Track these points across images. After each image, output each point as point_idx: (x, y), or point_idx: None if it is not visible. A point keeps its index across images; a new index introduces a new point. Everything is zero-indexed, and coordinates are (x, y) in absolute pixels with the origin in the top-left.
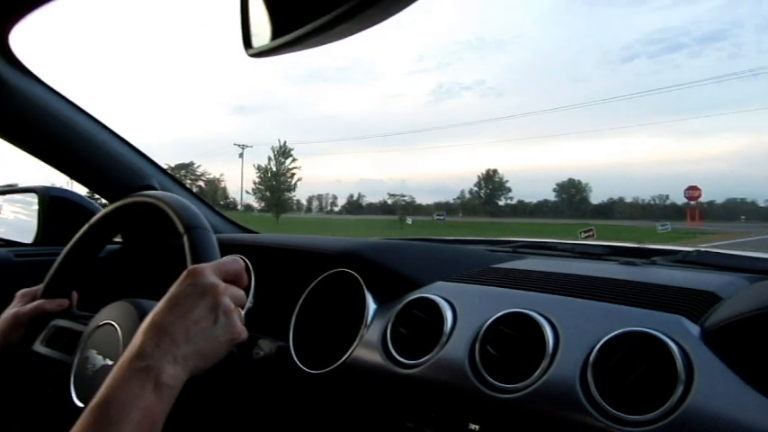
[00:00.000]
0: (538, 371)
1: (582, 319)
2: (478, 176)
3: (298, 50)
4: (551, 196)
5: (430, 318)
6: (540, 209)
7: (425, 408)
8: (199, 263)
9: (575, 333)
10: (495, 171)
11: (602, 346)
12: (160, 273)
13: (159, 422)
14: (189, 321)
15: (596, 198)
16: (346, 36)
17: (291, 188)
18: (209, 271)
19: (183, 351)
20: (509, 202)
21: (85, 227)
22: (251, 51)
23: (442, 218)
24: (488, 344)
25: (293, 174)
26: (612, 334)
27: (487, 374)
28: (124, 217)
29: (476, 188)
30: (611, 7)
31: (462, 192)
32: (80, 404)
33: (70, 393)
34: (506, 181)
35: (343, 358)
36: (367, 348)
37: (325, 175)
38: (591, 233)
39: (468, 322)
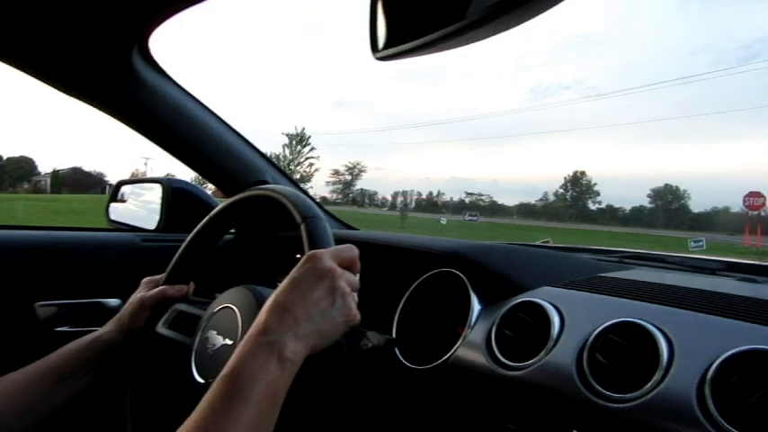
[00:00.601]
0: (650, 383)
1: (699, 333)
2: (565, 178)
3: (425, 54)
4: (644, 201)
5: (536, 322)
6: (634, 216)
7: (528, 411)
8: (315, 248)
9: (691, 347)
10: (582, 173)
11: (722, 362)
12: (269, 261)
13: (281, 394)
14: (309, 302)
15: (697, 206)
16: (474, 42)
17: (308, 178)
18: (327, 256)
19: (304, 329)
20: (598, 206)
21: (207, 218)
22: (378, 55)
23: (474, 218)
24: (597, 352)
25: (311, 163)
26: (735, 350)
27: (595, 382)
28: (243, 209)
29: (561, 190)
30: (730, 4)
31: (545, 194)
32: (201, 380)
33: (191, 371)
34: (594, 184)
35: (447, 356)
36: (470, 348)
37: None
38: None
39: (576, 329)
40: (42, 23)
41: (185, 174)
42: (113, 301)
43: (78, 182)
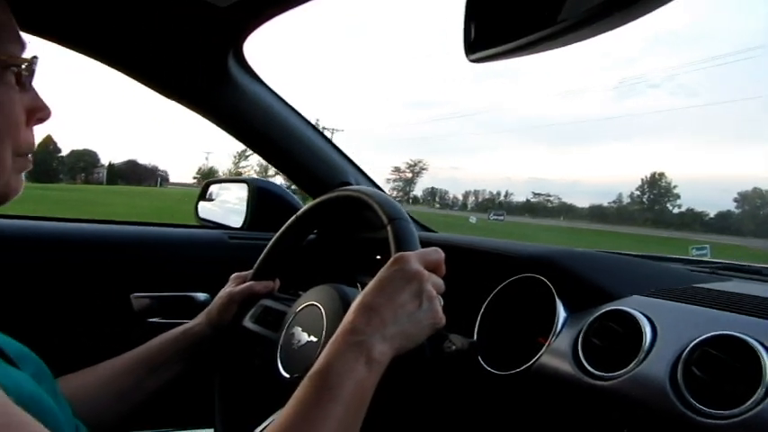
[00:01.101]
0: (752, 399)
1: None
2: (642, 180)
3: (519, 56)
4: (730, 206)
5: (626, 331)
6: (719, 222)
7: (616, 423)
8: (402, 250)
9: None
10: (661, 174)
11: None
12: (350, 262)
13: (369, 394)
14: (396, 304)
15: None
16: (571, 44)
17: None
18: (414, 258)
19: (391, 330)
20: (678, 209)
21: (294, 217)
22: (472, 57)
23: (500, 218)
24: (693, 365)
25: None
26: None
27: (691, 397)
28: (329, 210)
29: (638, 192)
30: None
31: (620, 195)
32: (286, 375)
33: (276, 366)
34: (674, 186)
35: (530, 363)
36: (555, 356)
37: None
38: None
39: (670, 340)
40: (144, 29)
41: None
42: (202, 295)
43: (133, 174)
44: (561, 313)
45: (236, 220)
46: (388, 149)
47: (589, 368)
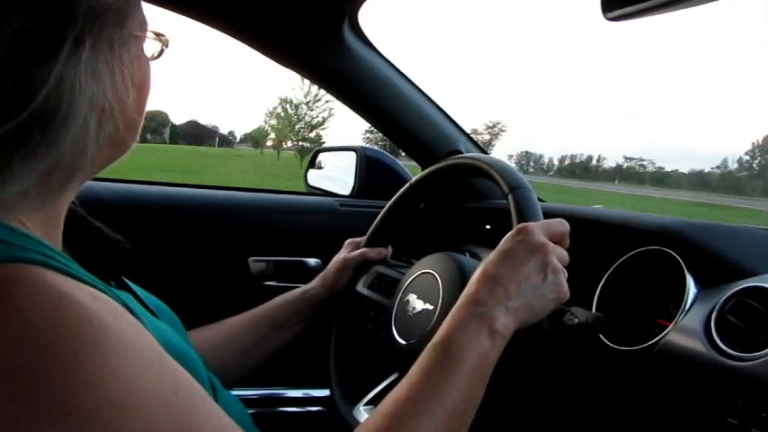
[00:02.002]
0: None
1: None
2: (753, 143)
3: (657, 14)
4: None
5: (767, 310)
6: None
7: (755, 406)
8: (525, 220)
9: None
10: None
11: None
12: (458, 231)
13: (490, 367)
14: (520, 276)
15: None
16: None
17: (318, 124)
18: (538, 229)
19: (514, 303)
20: None
21: (409, 184)
22: (610, 15)
23: None
24: None
25: (327, 101)
26: None
27: None
28: (446, 177)
29: (747, 156)
30: None
31: (725, 160)
32: (402, 341)
33: (392, 332)
34: None
35: (657, 339)
36: (684, 333)
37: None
38: None
39: None
40: None
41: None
42: (313, 261)
43: (194, 134)
44: (692, 289)
45: (344, 187)
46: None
47: (723, 347)
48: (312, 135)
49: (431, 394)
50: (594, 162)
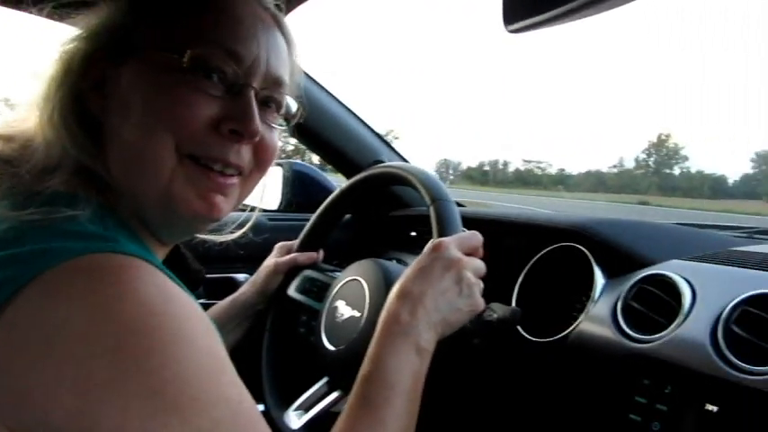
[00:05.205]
0: None
1: None
2: (649, 142)
3: (558, 25)
4: (747, 168)
5: (666, 295)
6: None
7: (658, 384)
8: (444, 233)
9: None
10: (668, 136)
11: None
12: (383, 239)
13: (423, 381)
14: (437, 292)
15: None
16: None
17: None
18: (453, 245)
19: (433, 318)
20: (684, 171)
21: (338, 192)
22: (511, 27)
23: None
24: (734, 324)
25: None
26: None
27: (732, 355)
28: (372, 185)
29: (644, 155)
30: None
31: (621, 159)
32: (330, 347)
33: (321, 337)
34: (682, 147)
35: (570, 329)
36: (595, 322)
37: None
38: None
39: (709, 301)
40: None
41: None
42: (242, 276)
43: None
44: (600, 280)
45: (271, 202)
46: None
47: (629, 332)
48: None
49: (382, 426)
50: (501, 166)
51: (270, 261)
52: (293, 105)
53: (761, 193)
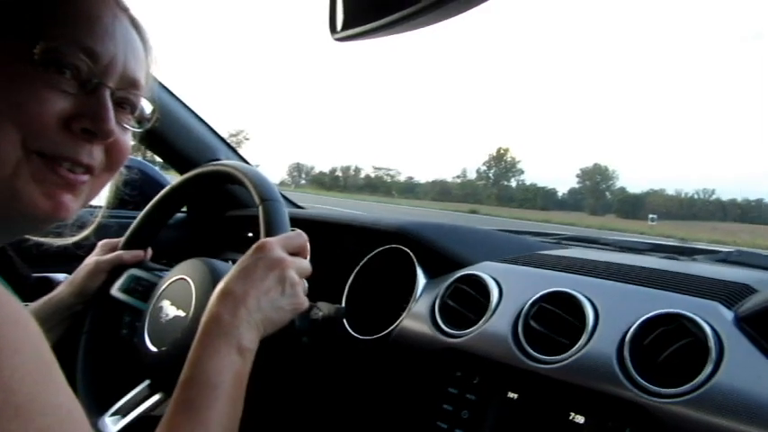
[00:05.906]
0: (576, 345)
1: (621, 301)
2: (490, 155)
3: (383, 36)
4: (573, 182)
5: (477, 293)
6: (569, 199)
7: (468, 375)
8: (272, 233)
9: (614, 312)
10: (506, 150)
11: (639, 324)
12: (219, 238)
13: (245, 381)
14: (260, 292)
15: (631, 187)
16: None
17: None
18: (277, 245)
19: (255, 318)
20: (520, 183)
21: (167, 189)
22: (337, 36)
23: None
24: (532, 319)
25: None
26: (650, 314)
27: (529, 347)
28: (202, 183)
29: (484, 167)
30: None
31: (464, 171)
32: (153, 348)
33: (143, 338)
34: (519, 161)
35: (392, 327)
36: (415, 319)
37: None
38: None
39: (514, 299)
40: None
41: None
42: (62, 276)
43: None
44: (421, 280)
45: (97, 199)
46: None
47: (444, 327)
48: None
49: (203, 428)
50: (352, 172)
51: (91, 259)
52: (147, 108)
53: (584, 205)
